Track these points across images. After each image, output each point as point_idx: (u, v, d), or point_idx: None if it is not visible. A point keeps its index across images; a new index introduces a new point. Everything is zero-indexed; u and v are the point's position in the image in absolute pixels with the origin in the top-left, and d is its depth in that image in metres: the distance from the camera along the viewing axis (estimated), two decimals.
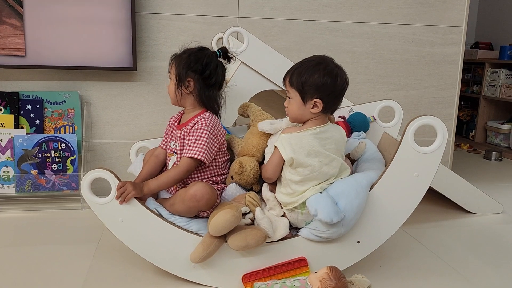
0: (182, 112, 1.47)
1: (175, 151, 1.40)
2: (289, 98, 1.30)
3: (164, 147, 1.48)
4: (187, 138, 1.36)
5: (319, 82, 1.23)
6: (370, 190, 1.30)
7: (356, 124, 1.60)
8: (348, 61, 2.20)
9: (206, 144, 1.32)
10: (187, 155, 1.32)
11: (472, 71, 3.96)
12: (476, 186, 1.98)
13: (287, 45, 2.13)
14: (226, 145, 1.44)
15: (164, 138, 1.49)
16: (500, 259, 1.56)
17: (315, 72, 1.24)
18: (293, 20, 2.12)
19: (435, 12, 2.24)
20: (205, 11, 2.05)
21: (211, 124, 1.35)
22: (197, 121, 1.36)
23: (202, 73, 1.37)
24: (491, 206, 2.01)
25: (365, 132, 1.61)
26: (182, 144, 1.38)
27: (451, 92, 2.34)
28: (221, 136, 1.39)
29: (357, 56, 2.21)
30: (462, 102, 3.92)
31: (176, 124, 1.45)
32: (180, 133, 1.39)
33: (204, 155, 1.31)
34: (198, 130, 1.33)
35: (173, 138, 1.43)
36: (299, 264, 1.30)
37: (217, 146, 1.37)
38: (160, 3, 2.01)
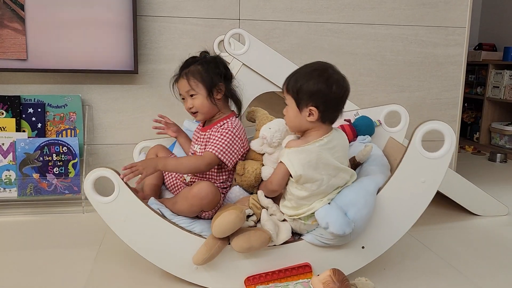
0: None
1: (199, 154, 1.40)
2: (287, 105, 1.26)
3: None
4: (213, 136, 1.35)
5: (313, 89, 1.18)
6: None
7: (362, 128, 1.58)
8: (350, 63, 2.19)
9: (229, 145, 1.32)
10: (210, 149, 1.31)
11: (475, 72, 3.94)
12: (481, 188, 1.96)
13: (288, 47, 2.12)
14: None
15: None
16: (506, 261, 1.54)
17: (310, 78, 1.19)
18: (295, 22, 2.12)
19: (437, 13, 2.22)
20: (206, 14, 2.04)
21: (237, 127, 1.36)
22: (225, 123, 1.37)
23: (226, 74, 1.41)
24: (496, 208, 1.99)
25: (370, 136, 1.60)
26: (205, 146, 1.37)
27: (455, 93, 2.32)
28: (246, 141, 1.39)
29: (359, 57, 2.20)
30: (466, 104, 3.89)
31: (200, 127, 1.46)
32: (205, 135, 1.39)
33: (224, 155, 1.31)
34: (224, 130, 1.34)
35: (197, 142, 1.43)
36: (303, 270, 1.28)
37: (242, 151, 1.36)
38: (161, 6, 2.01)
